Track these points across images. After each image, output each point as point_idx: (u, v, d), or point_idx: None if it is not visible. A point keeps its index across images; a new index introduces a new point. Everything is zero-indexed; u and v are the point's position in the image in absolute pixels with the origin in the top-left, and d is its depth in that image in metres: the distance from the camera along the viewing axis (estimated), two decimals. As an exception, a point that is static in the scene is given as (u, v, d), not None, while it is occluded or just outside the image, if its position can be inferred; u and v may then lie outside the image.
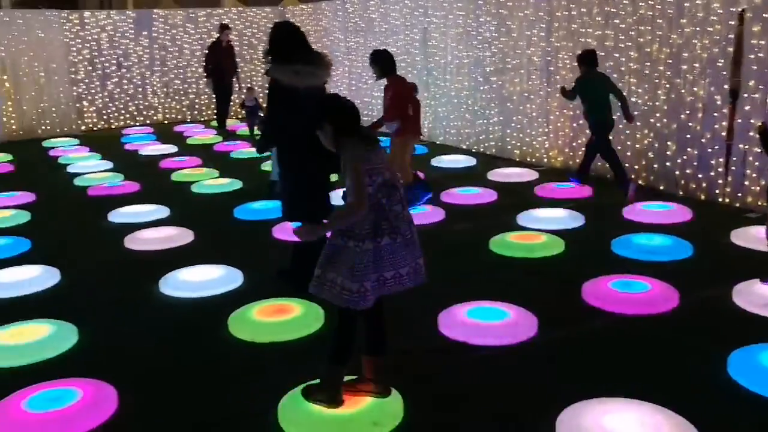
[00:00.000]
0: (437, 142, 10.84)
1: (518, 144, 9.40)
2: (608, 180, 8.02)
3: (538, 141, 9.07)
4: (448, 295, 4.75)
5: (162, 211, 7.24)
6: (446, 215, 6.79)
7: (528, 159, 9.24)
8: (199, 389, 3.70)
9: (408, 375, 3.73)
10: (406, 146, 6.86)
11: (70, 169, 9.71)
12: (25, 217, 7.22)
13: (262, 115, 12.13)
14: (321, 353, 4.02)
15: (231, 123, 13.27)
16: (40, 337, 4.21)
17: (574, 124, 8.47)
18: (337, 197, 5.28)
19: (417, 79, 10.96)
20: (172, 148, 11.12)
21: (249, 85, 12.50)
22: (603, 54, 7.97)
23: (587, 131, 8.27)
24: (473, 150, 10.15)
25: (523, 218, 6.54)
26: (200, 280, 5.14)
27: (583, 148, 7.93)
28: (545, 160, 8.97)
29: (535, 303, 4.56)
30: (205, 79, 13.03)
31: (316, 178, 4.89)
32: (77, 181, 8.87)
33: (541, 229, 6.16)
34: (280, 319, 4.43)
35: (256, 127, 11.64)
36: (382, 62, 6.74)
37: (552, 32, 8.61)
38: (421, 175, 7.26)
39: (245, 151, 10.63)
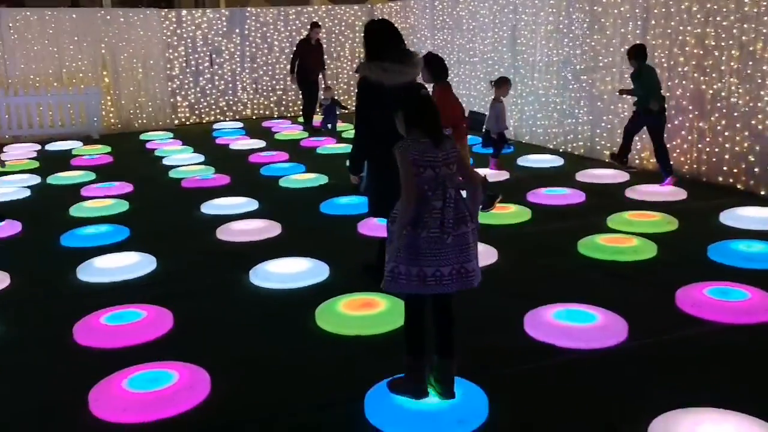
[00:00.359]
0: (523, 141, 10.70)
1: (608, 144, 9.15)
2: (704, 183, 7.74)
3: (630, 142, 8.80)
4: (535, 295, 4.69)
5: (251, 204, 7.44)
6: (533, 215, 6.70)
7: (618, 160, 8.99)
8: (287, 378, 3.80)
9: (493, 374, 3.72)
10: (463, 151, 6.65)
11: (165, 162, 10.13)
12: (123, 206, 7.58)
13: (339, 112, 12.29)
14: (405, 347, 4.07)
15: (317, 119, 13.47)
16: (139, 321, 4.42)
17: (668, 125, 8.16)
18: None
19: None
20: (260, 143, 11.41)
21: (325, 85, 12.56)
22: (701, 53, 7.67)
23: (682, 132, 8.01)
24: (560, 150, 9.95)
25: (613, 220, 6.37)
26: (288, 272, 5.26)
27: (672, 152, 7.67)
28: (637, 161, 8.71)
29: (626, 307, 4.44)
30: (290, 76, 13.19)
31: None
32: (172, 173, 9.24)
33: (632, 232, 5.99)
34: (366, 313, 4.48)
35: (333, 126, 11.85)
36: (434, 66, 6.26)
37: (648, 30, 8.33)
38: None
39: (330, 146, 10.80)
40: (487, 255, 5.54)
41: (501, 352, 4.01)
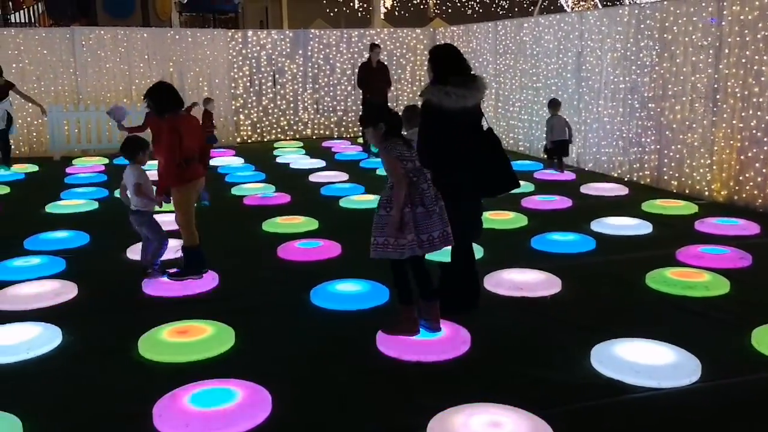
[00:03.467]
0: (586, 169, 10.50)
1: (676, 175, 8.90)
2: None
3: (700, 173, 8.54)
4: (602, 329, 4.56)
5: (311, 224, 7.47)
6: (597, 245, 6.53)
7: (686, 191, 8.73)
8: (347, 401, 3.76)
9: (559, 409, 3.60)
10: (190, 196, 5.55)
11: (227, 179, 10.28)
12: (187, 221, 7.69)
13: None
14: (468, 376, 4.01)
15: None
16: (202, 337, 4.45)
17: (742, 157, 7.91)
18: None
19: (567, 103, 10.74)
20: (320, 163, 11.49)
21: None
22: (779, 82, 7.42)
23: (757, 164, 7.77)
24: (625, 179, 9.73)
25: (682, 254, 6.16)
26: (349, 294, 5.24)
27: (745, 185, 7.40)
28: (706, 193, 8.43)
29: (698, 345, 4.26)
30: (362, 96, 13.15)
31: (468, 198, 4.87)
32: (234, 191, 9.37)
33: (703, 267, 5.78)
34: (427, 338, 4.41)
35: None
36: (156, 99, 5.54)
37: (721, 59, 8.10)
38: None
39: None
40: (550, 284, 5.42)
41: (567, 387, 3.89)
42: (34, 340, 4.43)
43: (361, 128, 12.73)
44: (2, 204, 8.77)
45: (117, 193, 6.21)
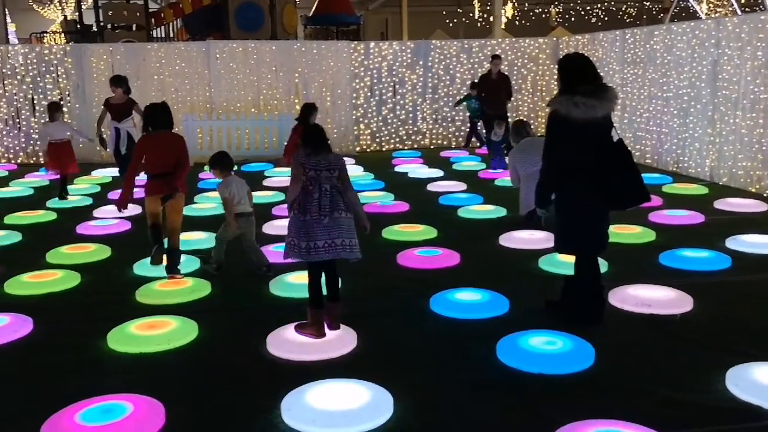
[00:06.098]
0: (720, 183, 9.95)
1: (822, 191, 8.28)
2: None
3: None
4: (738, 351, 4.34)
5: (430, 232, 7.52)
6: (733, 263, 6.17)
7: (834, 209, 8.10)
8: (469, 408, 3.77)
9: (692, 431, 3.45)
10: (149, 207, 6.21)
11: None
12: (310, 226, 7.94)
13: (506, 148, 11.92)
14: (592, 391, 3.92)
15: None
16: (326, 338, 4.60)
17: None
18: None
19: (701, 113, 10.26)
20: (438, 173, 11.53)
21: (498, 120, 12.16)
22: None
23: None
24: (764, 194, 9.13)
25: (829, 275, 5.73)
26: (469, 303, 5.24)
27: None
28: None
29: None
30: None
31: (595, 211, 4.77)
32: (355, 198, 9.57)
33: None
34: (549, 350, 4.34)
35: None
36: (148, 117, 6.22)
37: None
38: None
39: (509, 179, 10.67)
40: (680, 302, 5.19)
41: (699, 408, 3.72)
42: (174, 332, 4.74)
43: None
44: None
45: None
